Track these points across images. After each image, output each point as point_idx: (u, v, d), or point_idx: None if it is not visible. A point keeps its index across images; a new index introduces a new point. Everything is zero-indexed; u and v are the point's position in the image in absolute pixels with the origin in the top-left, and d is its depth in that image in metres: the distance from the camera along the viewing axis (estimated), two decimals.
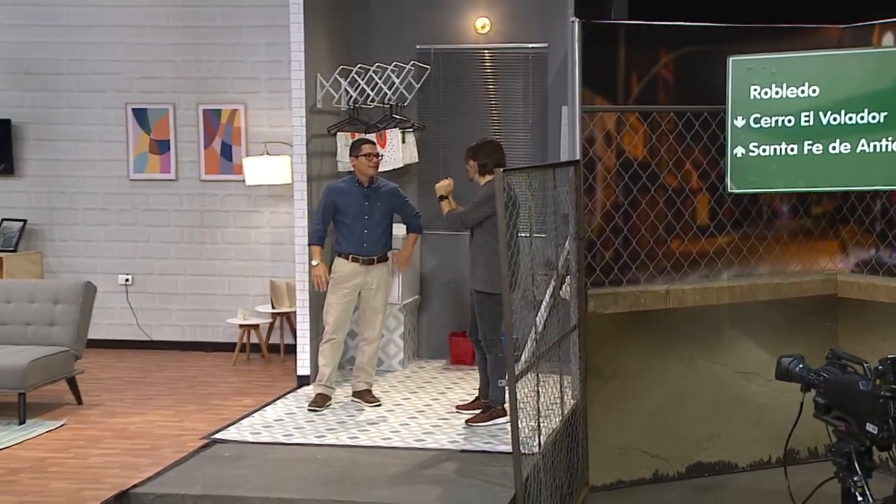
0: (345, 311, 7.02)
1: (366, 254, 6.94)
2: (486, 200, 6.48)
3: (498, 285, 6.56)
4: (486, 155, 6.62)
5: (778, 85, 6.41)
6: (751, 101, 6.47)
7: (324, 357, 7.02)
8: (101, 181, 9.03)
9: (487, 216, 6.49)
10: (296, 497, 5.21)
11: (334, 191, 7.03)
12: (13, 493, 5.29)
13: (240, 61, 8.77)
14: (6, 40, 8.96)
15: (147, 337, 9.07)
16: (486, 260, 6.56)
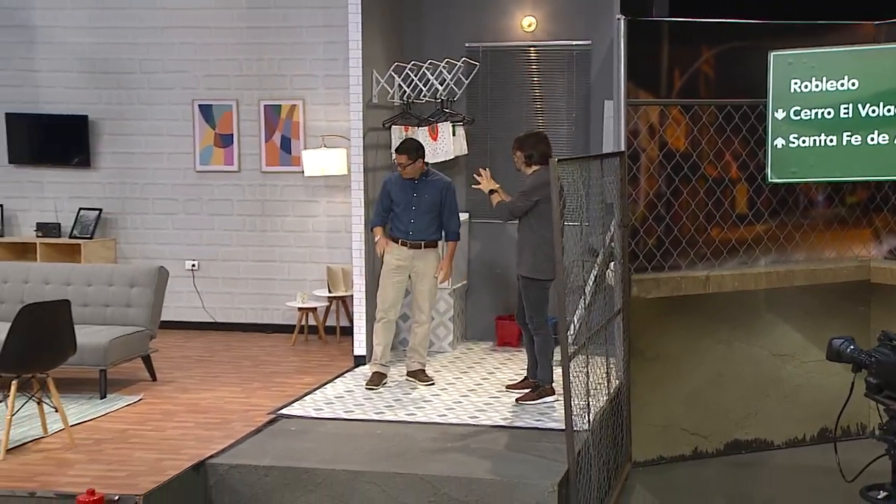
0: (395, 292, 7.05)
1: (412, 239, 6.97)
2: (532, 190, 6.48)
3: (543, 271, 6.57)
4: (531, 146, 6.61)
5: (818, 78, 6.29)
6: (791, 95, 6.37)
7: (377, 337, 7.07)
8: (169, 173, 9.09)
9: (534, 205, 6.47)
10: (359, 469, 5.23)
11: (389, 182, 7.09)
12: (101, 462, 5.35)
13: (299, 59, 8.77)
14: (85, 42, 9.02)
15: (212, 319, 9.13)
16: (532, 247, 6.56)
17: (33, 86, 9.13)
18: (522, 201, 6.51)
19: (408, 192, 6.98)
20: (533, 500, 4.98)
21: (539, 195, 6.47)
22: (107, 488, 4.80)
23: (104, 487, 4.79)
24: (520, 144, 6.65)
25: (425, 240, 7.00)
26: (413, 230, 6.96)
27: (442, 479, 5.09)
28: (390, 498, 5.13)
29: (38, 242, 8.96)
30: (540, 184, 6.45)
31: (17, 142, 9.14)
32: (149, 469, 5.21)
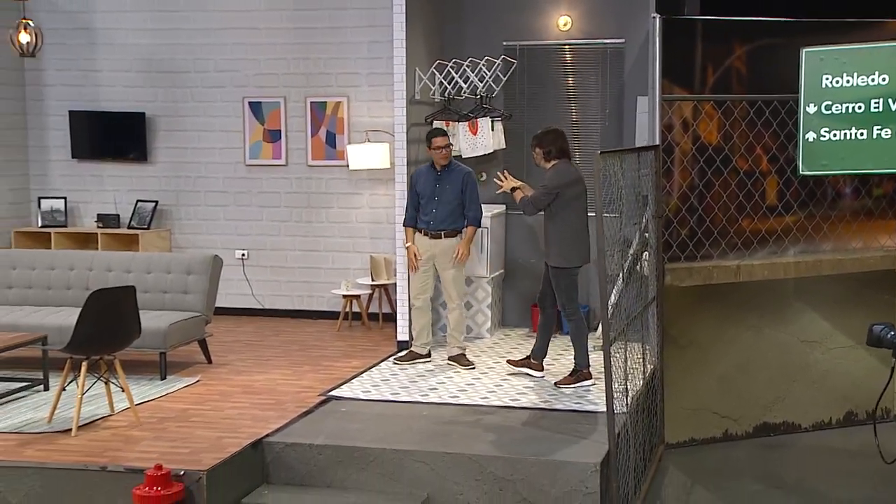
0: (420, 280, 7.12)
1: (432, 229, 7.00)
2: (552, 184, 6.48)
3: (570, 259, 6.57)
4: (550, 142, 6.59)
5: (849, 74, 6.19)
6: (822, 90, 6.28)
7: (412, 321, 7.18)
8: (220, 167, 9.13)
9: (556, 197, 6.48)
10: (409, 448, 5.24)
11: (415, 176, 7.17)
12: (165, 439, 5.40)
13: (343, 58, 8.77)
14: (143, 43, 9.08)
15: (260, 305, 9.17)
16: (558, 237, 6.55)
17: (94, 85, 9.20)
18: (544, 195, 6.51)
19: (431, 183, 7.01)
20: (576, 479, 4.96)
21: (560, 188, 6.48)
22: (172, 464, 4.84)
23: (169, 463, 4.83)
24: (538, 141, 6.63)
25: (445, 229, 7.02)
26: (434, 220, 7.00)
27: (488, 459, 5.09)
28: (438, 476, 5.13)
29: (98, 233, 9.04)
30: (560, 177, 6.47)
31: (79, 138, 9.21)
32: (210, 446, 5.24)
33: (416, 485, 5.15)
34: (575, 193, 6.55)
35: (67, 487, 4.93)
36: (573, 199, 6.54)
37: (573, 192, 6.52)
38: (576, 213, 6.59)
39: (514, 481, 5.03)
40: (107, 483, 4.90)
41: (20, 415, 5.83)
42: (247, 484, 5.20)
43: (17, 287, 7.40)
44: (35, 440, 5.36)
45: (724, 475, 6.71)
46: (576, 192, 6.55)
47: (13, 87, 9.16)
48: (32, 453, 5.14)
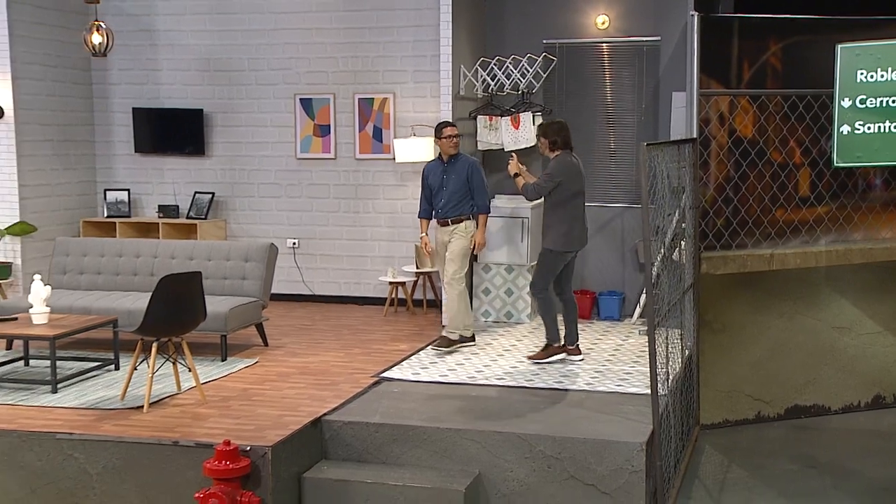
0: (438, 264, 7.22)
1: (440, 216, 7.05)
2: (555, 172, 6.48)
3: (563, 244, 6.55)
4: (555, 133, 6.56)
5: (883, 69, 6.08)
6: (857, 84, 6.17)
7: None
8: (273, 160, 9.15)
9: (557, 185, 6.47)
10: (462, 427, 5.22)
11: (425, 169, 7.21)
12: (230, 416, 5.42)
13: (390, 57, 8.75)
14: (202, 43, 9.11)
15: (310, 291, 9.19)
16: (555, 223, 6.56)
17: (156, 83, 9.25)
18: (547, 182, 6.49)
19: (439, 175, 7.05)
20: (622, 458, 4.93)
21: (561, 177, 6.49)
22: (238, 440, 4.85)
23: (235, 439, 4.85)
24: (544, 131, 6.62)
25: (452, 216, 7.01)
26: (441, 208, 7.03)
27: (537, 438, 5.07)
28: (489, 454, 5.11)
29: (159, 222, 9.09)
30: (562, 167, 6.49)
31: (141, 133, 9.27)
32: (272, 423, 5.26)
33: (468, 462, 5.14)
34: (575, 183, 6.54)
35: (142, 460, 4.98)
36: (572, 189, 6.53)
37: (573, 182, 6.52)
38: (574, 202, 6.56)
39: (563, 459, 5.01)
40: (178, 457, 4.94)
41: (95, 392, 5.88)
42: (307, 459, 5.22)
43: (88, 273, 7.47)
44: (110, 416, 5.41)
45: (759, 455, 6.66)
46: (576, 182, 6.55)
47: (81, 87, 9.24)
48: (109, 428, 5.18)
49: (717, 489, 5.93)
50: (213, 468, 4.70)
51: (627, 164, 8.25)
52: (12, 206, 8.47)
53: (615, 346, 7.18)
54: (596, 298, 8.30)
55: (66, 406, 5.61)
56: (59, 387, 5.94)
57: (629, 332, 7.66)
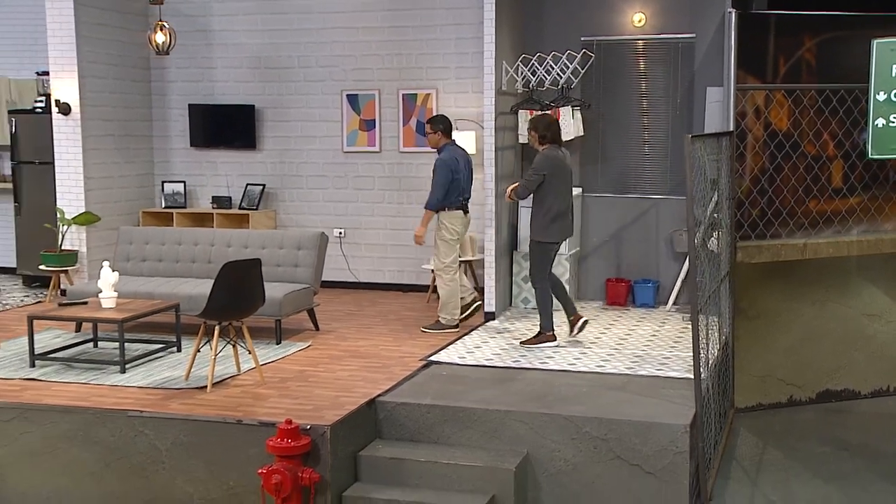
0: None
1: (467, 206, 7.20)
2: (539, 166, 6.43)
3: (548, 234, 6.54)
4: (544, 128, 6.53)
5: None
6: (892, 78, 6.05)
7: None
8: (320, 153, 9.15)
9: (543, 179, 6.42)
10: (511, 409, 5.20)
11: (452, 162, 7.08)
12: (289, 397, 5.44)
13: (433, 54, 8.70)
14: (254, 42, 9.12)
15: (356, 279, 9.20)
16: (540, 215, 6.53)
17: (210, 80, 9.28)
18: (533, 177, 6.45)
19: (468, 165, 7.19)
20: (667, 439, 4.88)
21: (546, 170, 6.46)
22: (297, 419, 4.86)
23: (295, 418, 4.85)
24: (534, 125, 6.58)
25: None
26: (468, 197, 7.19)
27: (583, 419, 5.03)
28: (537, 435, 5.09)
29: (213, 213, 9.13)
30: (546, 161, 6.47)
31: (196, 128, 9.31)
32: (329, 404, 5.26)
33: (517, 442, 5.12)
34: (560, 176, 6.51)
35: (208, 437, 5.00)
36: (557, 182, 6.50)
37: (558, 175, 6.49)
38: (559, 194, 6.52)
39: (609, 440, 4.97)
40: (242, 434, 4.96)
41: (160, 372, 5.93)
42: (362, 438, 5.23)
43: (150, 260, 7.52)
44: (176, 395, 5.45)
45: (792, 437, 6.59)
46: (561, 174, 6.51)
47: (141, 84, 9.30)
48: (176, 406, 5.22)
49: (753, 470, 5.86)
50: (275, 446, 4.72)
51: (661, 157, 8.15)
52: (78, 197, 8.55)
53: (652, 332, 7.11)
54: (631, 286, 8.23)
55: (135, 385, 5.66)
56: (127, 367, 5.99)
57: (665, 319, 7.58)
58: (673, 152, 8.10)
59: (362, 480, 5.07)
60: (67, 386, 5.66)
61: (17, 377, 5.83)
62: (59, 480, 5.20)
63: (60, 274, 8.51)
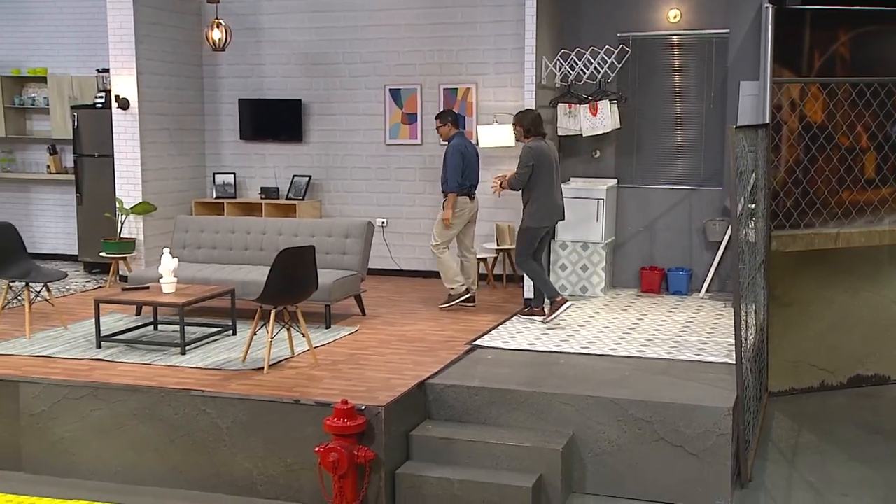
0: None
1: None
2: (525, 159, 6.65)
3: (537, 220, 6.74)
4: (529, 122, 6.73)
5: None
6: None
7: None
8: (364, 146, 9.13)
9: (531, 170, 6.65)
10: (557, 392, 5.15)
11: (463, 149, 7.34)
12: (342, 378, 5.43)
13: (473, 50, 8.64)
14: (301, 39, 9.10)
15: (397, 266, 9.18)
16: (529, 202, 6.76)
17: (259, 76, 9.28)
18: (522, 170, 6.67)
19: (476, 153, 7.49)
20: (710, 421, 4.80)
21: (533, 161, 6.64)
22: (352, 400, 4.84)
23: (349, 399, 4.83)
24: (519, 120, 6.80)
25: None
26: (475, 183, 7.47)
27: (628, 402, 4.97)
28: (583, 416, 5.04)
29: (262, 203, 9.15)
30: (531, 153, 6.65)
31: (246, 122, 9.33)
32: (381, 385, 5.25)
33: (563, 423, 5.07)
34: (545, 166, 6.69)
35: (266, 416, 5.01)
36: (543, 171, 6.69)
37: (544, 165, 6.68)
38: (545, 183, 6.71)
39: (653, 422, 4.91)
40: (299, 414, 4.96)
41: (218, 354, 5.95)
42: (413, 419, 5.21)
43: (205, 248, 7.55)
44: (235, 376, 5.46)
45: (825, 421, 6.48)
46: (546, 164, 6.69)
47: (194, 80, 9.32)
48: (235, 386, 5.23)
49: (790, 452, 5.77)
50: (332, 425, 4.71)
51: (695, 150, 8.03)
52: (136, 188, 8.61)
53: (687, 318, 7.02)
54: (665, 274, 8.13)
55: (195, 366, 5.68)
56: (187, 349, 6.01)
57: (699, 306, 7.49)
58: (706, 145, 7.98)
59: (414, 459, 5.06)
60: (132, 366, 5.70)
61: (85, 357, 5.88)
62: (126, 455, 5.24)
63: (119, 261, 8.57)
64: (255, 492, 5.01)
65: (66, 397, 5.33)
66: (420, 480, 4.84)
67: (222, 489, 5.07)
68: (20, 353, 5.96)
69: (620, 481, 4.97)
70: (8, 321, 6.84)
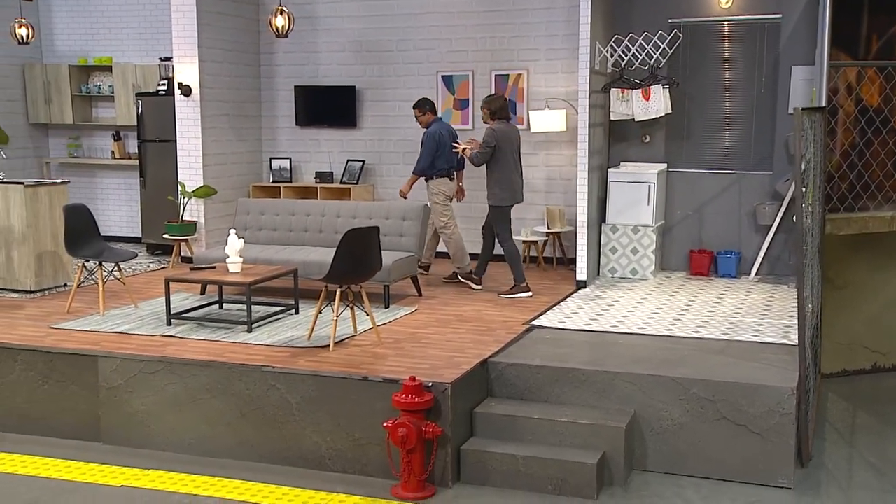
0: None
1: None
2: (489, 139, 6.95)
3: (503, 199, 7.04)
4: (497, 106, 7.06)
5: None
6: None
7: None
8: (417, 131, 8.96)
9: (494, 150, 6.94)
10: (619, 371, 5.08)
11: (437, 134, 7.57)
12: (405, 356, 5.41)
13: (524, 36, 8.53)
14: (356, 27, 9.07)
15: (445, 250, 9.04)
16: (494, 182, 7.03)
17: (315, 63, 9.26)
18: (485, 148, 6.97)
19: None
20: (773, 401, 4.71)
21: (496, 142, 6.93)
22: (419, 377, 4.82)
23: (416, 376, 4.81)
24: (487, 104, 7.12)
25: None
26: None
27: (691, 381, 4.89)
28: (645, 395, 4.97)
29: (317, 186, 9.16)
30: (495, 134, 6.94)
31: (301, 108, 9.33)
32: (445, 363, 5.22)
33: (625, 402, 5.01)
34: (507, 147, 6.98)
35: (335, 392, 5.01)
36: (505, 153, 6.98)
37: (507, 146, 6.98)
38: (507, 164, 7.00)
39: (716, 401, 4.82)
40: (367, 390, 4.95)
41: (283, 332, 5.96)
42: (477, 396, 5.17)
43: (266, 229, 7.57)
44: (302, 353, 5.47)
45: (879, 402, 6.34)
46: (508, 146, 6.99)
47: (251, 68, 9.34)
48: (304, 363, 5.23)
49: (847, 432, 5.64)
50: (401, 401, 4.69)
51: (745, 134, 7.86)
52: (197, 172, 8.66)
53: (740, 300, 6.89)
54: (714, 257, 7.99)
55: (262, 343, 5.69)
56: (253, 327, 6.03)
57: (749, 289, 7.35)
58: (757, 130, 7.81)
59: (477, 435, 5.03)
60: (202, 343, 5.73)
61: (157, 334, 5.94)
62: (199, 428, 5.28)
63: (181, 242, 8.64)
64: (324, 465, 5.02)
65: (142, 371, 5.38)
66: (485, 456, 4.81)
67: (291, 462, 5.09)
68: (96, 330, 6.03)
69: (682, 459, 4.89)
70: (80, 299, 6.93)
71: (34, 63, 10.17)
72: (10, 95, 10.03)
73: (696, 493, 4.67)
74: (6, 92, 9.99)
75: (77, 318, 6.35)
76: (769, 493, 4.64)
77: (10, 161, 8.13)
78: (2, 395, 5.66)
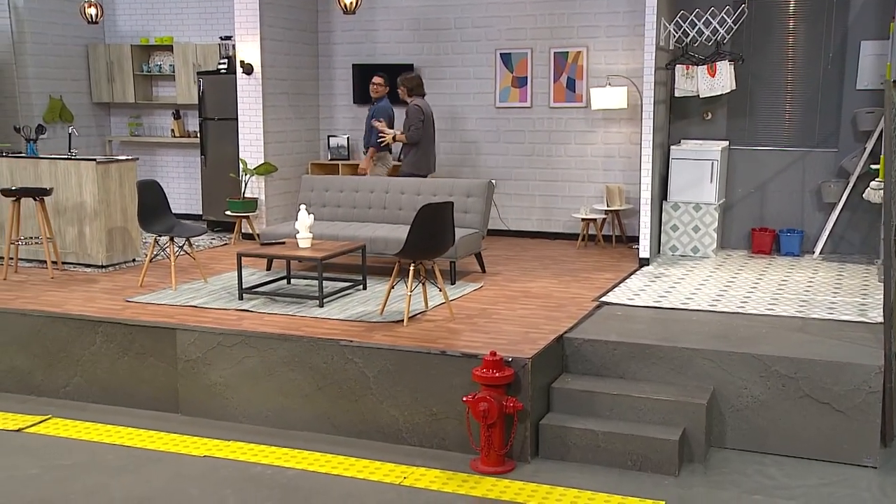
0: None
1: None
2: (416, 115, 7.56)
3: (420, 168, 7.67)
4: (414, 84, 7.69)
5: None
6: None
7: None
8: (475, 109, 8.99)
9: (419, 124, 7.56)
10: (696, 347, 4.98)
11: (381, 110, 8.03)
12: (479, 332, 5.36)
13: (584, 13, 8.38)
14: (414, 5, 8.99)
15: (506, 227, 9.06)
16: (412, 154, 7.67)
17: (373, 42, 9.21)
18: (417, 124, 7.58)
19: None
20: (859, 379, 4.59)
21: (422, 115, 7.57)
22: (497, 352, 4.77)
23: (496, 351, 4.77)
24: (404, 83, 7.71)
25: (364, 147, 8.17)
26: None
27: (772, 359, 4.78)
28: (725, 372, 4.87)
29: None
30: (419, 112, 7.57)
31: (359, 86, 9.28)
32: (520, 339, 5.16)
33: (703, 378, 4.92)
34: (429, 123, 7.65)
35: (412, 366, 4.99)
36: (427, 127, 7.63)
37: (428, 122, 7.64)
38: (427, 137, 7.66)
39: (798, 379, 4.71)
40: (445, 364, 4.92)
41: (354, 308, 5.94)
42: (554, 372, 5.12)
43: (329, 206, 7.56)
44: (377, 328, 5.45)
45: None
46: (429, 122, 7.66)
47: (310, 46, 9.31)
48: (380, 337, 5.22)
49: None
50: (482, 375, 4.65)
51: (810, 111, 7.66)
52: (259, 150, 8.67)
53: (807, 279, 6.74)
54: (777, 235, 7.82)
55: (335, 318, 5.68)
56: (324, 302, 6.03)
57: (815, 267, 7.18)
58: (822, 106, 7.59)
59: (555, 411, 4.98)
60: (276, 317, 5.74)
61: (231, 308, 5.96)
62: (276, 400, 5.30)
63: (242, 219, 8.68)
64: (401, 439, 5.01)
65: (220, 344, 5.40)
66: (564, 431, 4.76)
67: (368, 436, 5.08)
68: (171, 303, 6.07)
69: (762, 437, 4.80)
70: (150, 274, 6.99)
71: (97, 43, 10.25)
72: (75, 75, 10.13)
73: (778, 470, 4.58)
74: (71, 72, 10.08)
75: (151, 292, 6.40)
76: (854, 472, 4.54)
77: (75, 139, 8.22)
78: (84, 367, 5.74)
